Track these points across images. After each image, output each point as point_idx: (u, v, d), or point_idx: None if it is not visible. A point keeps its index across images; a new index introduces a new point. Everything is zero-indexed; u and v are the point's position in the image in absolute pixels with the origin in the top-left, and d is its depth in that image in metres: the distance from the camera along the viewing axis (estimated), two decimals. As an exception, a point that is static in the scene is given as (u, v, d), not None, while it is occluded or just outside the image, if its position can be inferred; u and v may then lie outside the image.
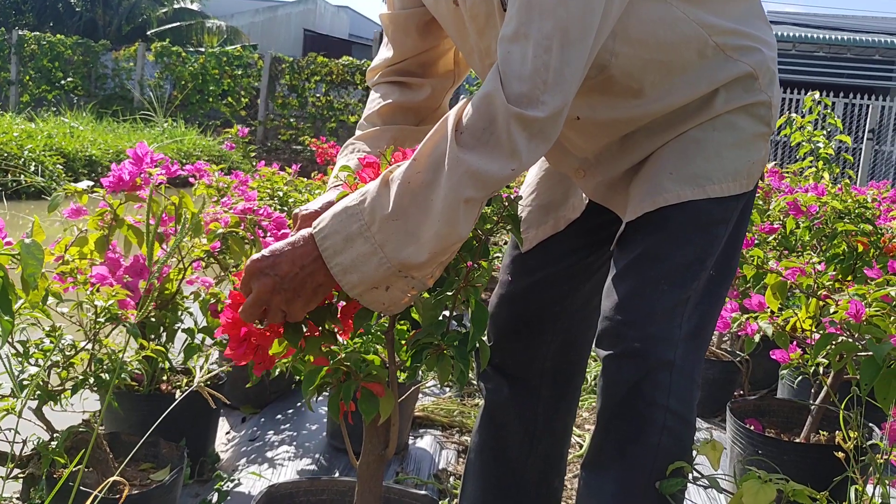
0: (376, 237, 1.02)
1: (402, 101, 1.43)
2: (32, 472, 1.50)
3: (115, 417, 2.03)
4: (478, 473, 1.55)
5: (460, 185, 1.00)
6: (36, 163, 8.49)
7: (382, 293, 1.05)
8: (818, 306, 1.92)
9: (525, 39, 1.02)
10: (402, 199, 1.02)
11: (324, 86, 15.33)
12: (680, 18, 1.19)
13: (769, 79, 1.27)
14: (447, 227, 1.00)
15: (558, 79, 1.02)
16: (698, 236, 1.24)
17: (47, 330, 1.56)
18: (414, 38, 1.42)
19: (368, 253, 1.02)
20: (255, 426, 2.57)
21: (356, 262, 1.03)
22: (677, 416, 1.22)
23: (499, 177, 1.02)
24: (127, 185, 1.89)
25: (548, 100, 1.02)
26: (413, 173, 1.03)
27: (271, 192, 2.79)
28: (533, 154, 1.04)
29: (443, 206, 1.00)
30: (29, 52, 16.04)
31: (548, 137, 1.05)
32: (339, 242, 1.04)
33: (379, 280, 1.03)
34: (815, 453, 2.00)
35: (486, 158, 1.01)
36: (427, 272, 1.05)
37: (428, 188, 1.02)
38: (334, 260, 1.04)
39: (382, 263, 1.02)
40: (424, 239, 1.01)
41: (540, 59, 1.01)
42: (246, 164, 11.50)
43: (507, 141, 1.01)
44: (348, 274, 1.04)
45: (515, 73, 1.02)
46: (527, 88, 1.01)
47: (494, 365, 1.49)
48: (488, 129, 1.02)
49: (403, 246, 1.02)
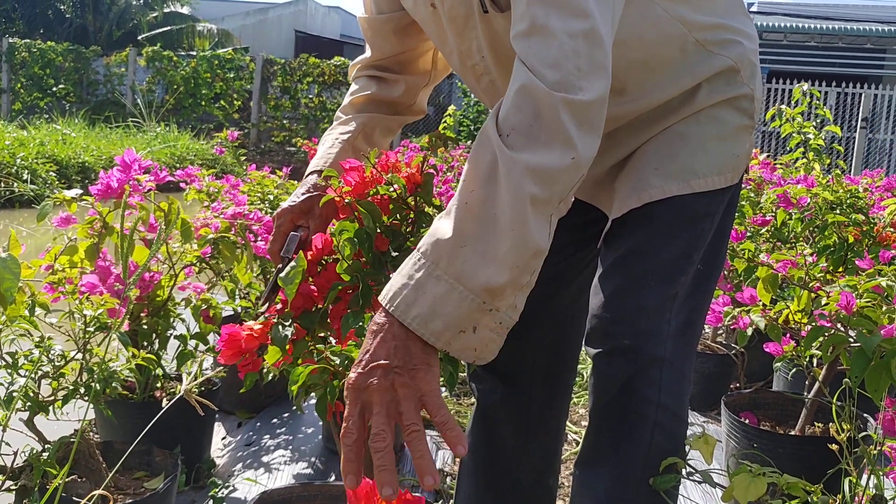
0: (448, 272, 0.92)
1: (377, 93, 1.46)
2: (25, 484, 1.50)
3: (110, 426, 2.03)
4: (472, 474, 1.55)
5: (521, 185, 0.92)
6: (28, 171, 8.47)
7: (471, 336, 0.93)
8: (810, 298, 1.92)
9: (545, 30, 0.97)
10: (463, 224, 0.93)
11: (316, 87, 15.34)
12: (662, 17, 1.19)
13: (751, 71, 1.26)
14: (520, 234, 0.92)
15: (591, 62, 0.97)
16: (685, 231, 1.24)
17: (36, 340, 1.56)
18: (391, 40, 1.44)
19: (446, 292, 0.92)
20: (250, 431, 2.57)
21: (435, 307, 0.91)
22: (669, 412, 1.22)
23: (559, 168, 0.94)
24: (116, 193, 1.88)
25: (586, 85, 0.96)
26: (467, 193, 0.95)
27: (262, 196, 2.79)
28: (587, 143, 0.96)
29: (510, 214, 0.92)
30: (20, 59, 16.01)
31: (595, 125, 0.98)
32: (409, 295, 0.92)
33: (464, 320, 0.92)
34: (810, 445, 1.99)
35: (541, 152, 0.93)
36: (511, 300, 0.95)
37: (488, 202, 0.93)
38: (410, 315, 0.92)
39: (464, 298, 0.91)
40: (500, 256, 0.92)
41: (567, 45, 0.96)
42: (239, 168, 11.49)
43: (559, 129, 0.94)
44: (431, 322, 0.91)
45: (546, 63, 0.96)
46: (562, 75, 0.95)
47: (485, 365, 1.49)
48: (536, 122, 0.95)
49: (480, 271, 0.92)
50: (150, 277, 1.98)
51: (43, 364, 1.56)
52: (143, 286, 1.98)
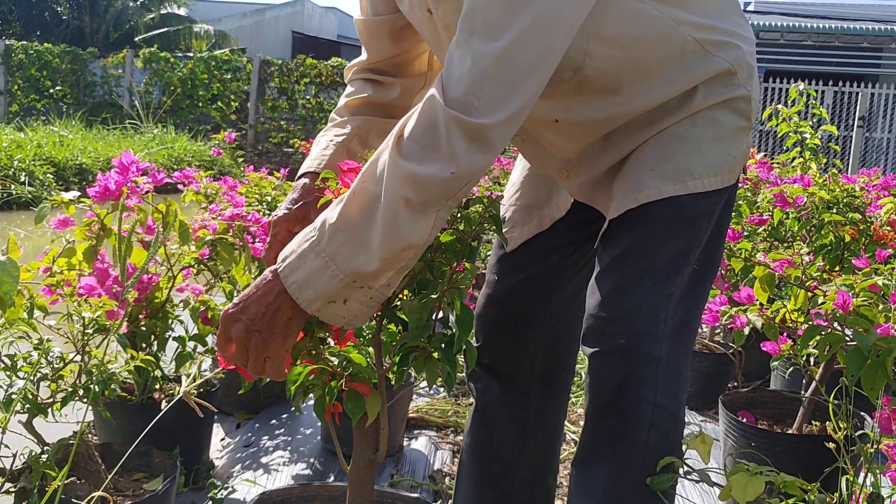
0: (326, 250, 1.03)
1: (373, 96, 1.46)
2: (24, 486, 1.50)
3: (109, 428, 2.03)
4: (471, 474, 1.55)
5: (399, 188, 1.01)
6: (26, 173, 8.47)
7: (341, 307, 1.05)
8: (807, 297, 1.92)
9: (465, 46, 1.02)
10: (348, 211, 1.04)
11: (313, 87, 15.33)
12: (654, 15, 1.19)
13: (748, 73, 1.27)
14: (392, 232, 1.01)
15: (497, 85, 1.01)
16: (681, 231, 1.24)
17: (35, 343, 1.56)
18: (387, 42, 1.44)
19: (321, 267, 1.04)
20: (249, 432, 2.57)
21: (310, 278, 1.04)
22: (665, 411, 1.22)
23: (437, 180, 1.00)
24: (113, 195, 1.88)
25: (484, 107, 1.00)
26: (359, 184, 1.05)
27: (259, 198, 2.79)
28: (472, 159, 1.02)
29: (386, 211, 1.01)
30: (17, 61, 16.00)
31: (491, 145, 1.03)
32: (293, 262, 1.06)
33: (334, 293, 1.04)
34: (807, 444, 2.00)
35: (424, 162, 1.01)
36: (383, 281, 1.05)
37: (372, 197, 1.03)
38: (290, 279, 1.05)
39: (335, 276, 1.03)
40: (373, 247, 1.02)
41: (477, 66, 1.00)
42: (236, 169, 11.48)
43: (447, 144, 1.00)
44: (304, 290, 1.05)
45: (452, 79, 1.02)
46: (461, 94, 1.00)
47: (483, 365, 1.50)
48: (428, 132, 1.01)
49: (353, 256, 1.03)
50: (149, 279, 1.99)
51: (42, 366, 1.56)
52: (142, 288, 1.98)
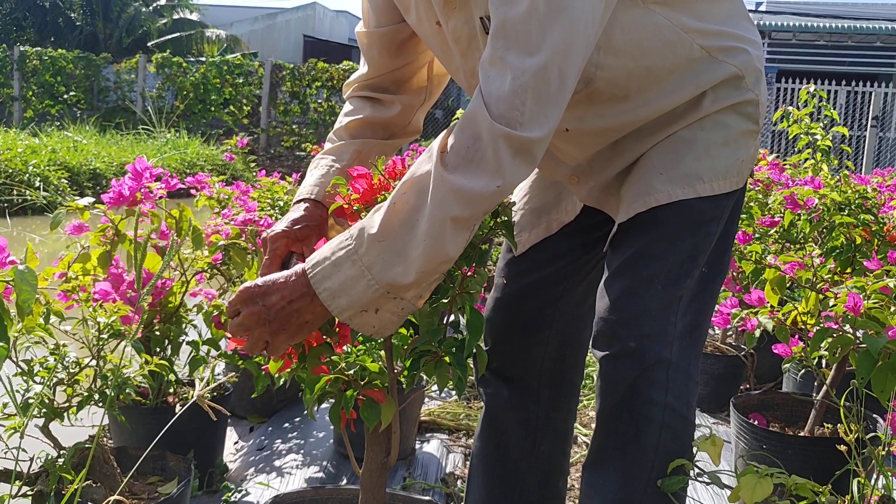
0: (363, 259, 1.03)
1: (372, 116, 1.45)
2: (41, 490, 1.52)
3: (123, 432, 2.05)
4: (481, 477, 1.56)
5: (445, 203, 1.01)
6: (40, 178, 8.53)
7: (372, 316, 1.06)
8: (818, 300, 1.92)
9: (501, 63, 1.03)
10: (388, 221, 1.03)
11: (325, 91, 15.37)
12: (663, 24, 1.20)
13: (756, 77, 1.27)
14: (433, 246, 1.01)
15: (538, 99, 1.02)
16: (690, 235, 1.25)
17: (51, 348, 1.58)
18: (389, 55, 1.43)
19: (356, 276, 1.03)
20: (262, 435, 2.59)
21: (344, 286, 1.04)
22: (676, 414, 1.23)
23: (483, 194, 1.02)
24: (127, 201, 1.90)
25: (528, 122, 1.02)
26: (399, 195, 1.05)
27: (272, 202, 2.81)
28: (517, 172, 1.04)
29: (428, 225, 1.01)
30: (31, 67, 16.12)
31: (533, 158, 1.05)
32: (327, 268, 1.05)
33: (368, 303, 1.04)
34: (819, 446, 1.99)
35: (470, 176, 1.01)
36: (416, 293, 1.06)
37: (413, 209, 1.03)
38: (322, 285, 1.05)
39: (371, 286, 1.03)
40: (412, 259, 1.02)
41: (518, 81, 1.02)
42: (249, 173, 11.53)
43: (493, 158, 1.02)
44: (337, 298, 1.05)
45: (494, 95, 1.02)
46: (504, 109, 1.02)
47: (493, 369, 1.50)
48: (473, 146, 1.03)
49: (390, 267, 1.02)
50: (163, 284, 2.00)
51: (58, 371, 1.58)
52: (156, 293, 2.00)
